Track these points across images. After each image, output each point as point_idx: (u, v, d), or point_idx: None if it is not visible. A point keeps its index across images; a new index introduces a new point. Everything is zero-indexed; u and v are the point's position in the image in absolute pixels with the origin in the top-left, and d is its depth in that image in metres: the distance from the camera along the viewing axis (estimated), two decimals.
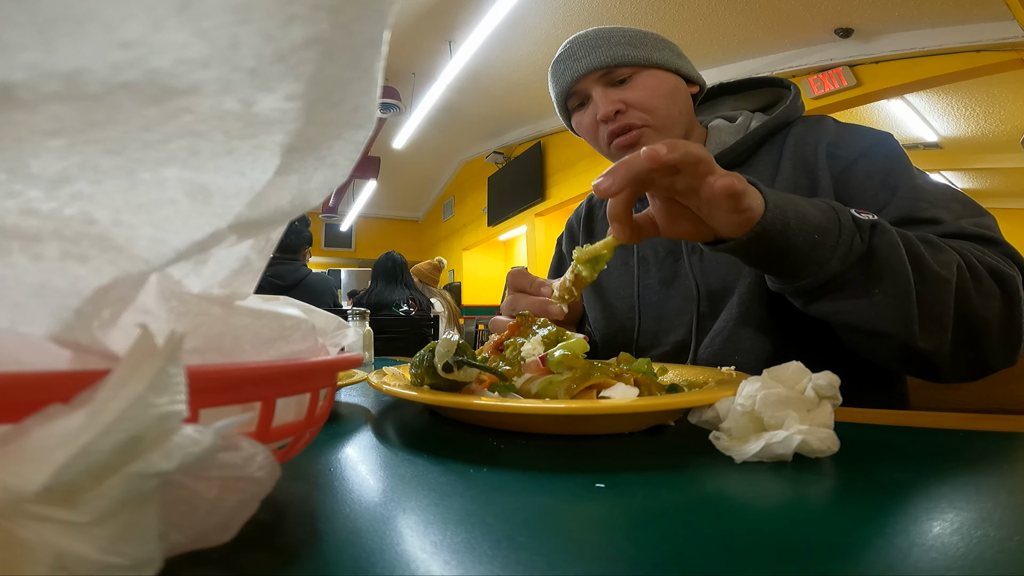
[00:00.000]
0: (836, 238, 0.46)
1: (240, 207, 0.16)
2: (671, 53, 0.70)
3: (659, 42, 0.70)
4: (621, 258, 0.76)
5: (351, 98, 0.16)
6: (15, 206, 0.14)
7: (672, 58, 0.69)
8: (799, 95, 0.73)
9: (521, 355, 0.39)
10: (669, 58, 0.69)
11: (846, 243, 0.46)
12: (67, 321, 0.14)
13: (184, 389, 0.12)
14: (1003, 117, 3.86)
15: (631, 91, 0.68)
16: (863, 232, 0.46)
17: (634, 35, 0.69)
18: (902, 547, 0.17)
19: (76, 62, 0.12)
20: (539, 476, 0.25)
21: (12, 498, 0.10)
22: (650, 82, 0.68)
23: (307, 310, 0.24)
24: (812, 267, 0.46)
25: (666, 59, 0.69)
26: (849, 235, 0.46)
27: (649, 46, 0.68)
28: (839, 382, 0.29)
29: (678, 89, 0.70)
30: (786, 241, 0.45)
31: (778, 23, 3.16)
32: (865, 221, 0.47)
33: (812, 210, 0.46)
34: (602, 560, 0.16)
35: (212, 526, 0.14)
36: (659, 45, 0.70)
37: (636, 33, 0.70)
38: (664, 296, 0.71)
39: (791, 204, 0.45)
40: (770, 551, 0.17)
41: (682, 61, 0.71)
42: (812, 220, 0.45)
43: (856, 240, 0.46)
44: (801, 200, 0.47)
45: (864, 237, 0.46)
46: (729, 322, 0.62)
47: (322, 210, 7.03)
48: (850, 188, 0.61)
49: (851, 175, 0.61)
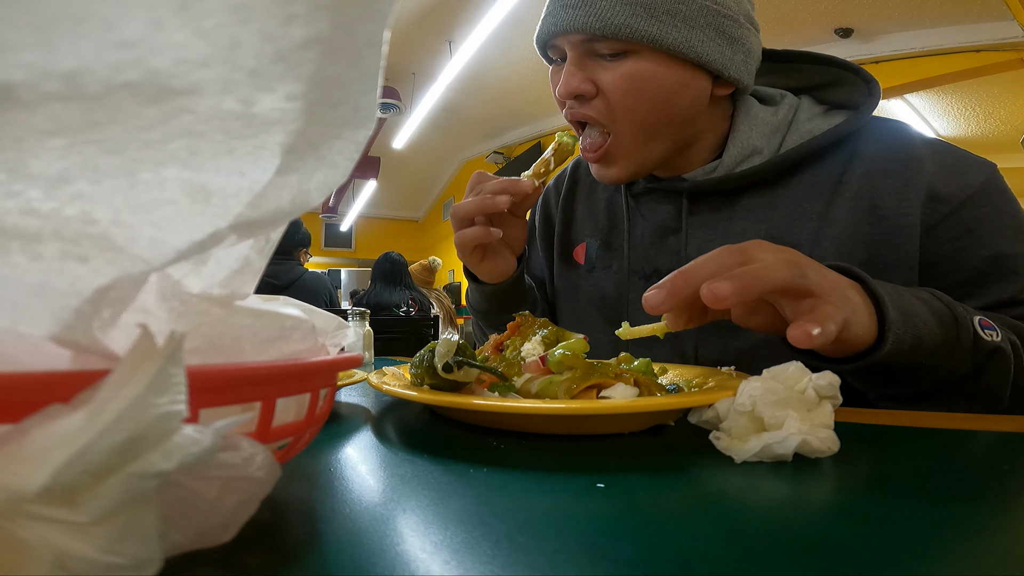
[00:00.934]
0: (946, 362, 0.39)
1: (240, 207, 0.16)
2: (714, 34, 0.49)
3: (704, 12, 0.48)
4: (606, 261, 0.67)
5: (351, 98, 0.16)
6: (15, 206, 0.14)
7: (707, 43, 0.49)
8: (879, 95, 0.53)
9: (521, 355, 0.39)
10: (701, 42, 0.48)
11: (956, 369, 0.39)
12: (67, 321, 0.14)
13: (184, 389, 0.12)
14: (1003, 117, 3.86)
15: (609, 73, 0.50)
16: (979, 355, 0.40)
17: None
18: (902, 547, 0.17)
19: (76, 62, 0.12)
20: (539, 476, 0.25)
21: (12, 498, 0.10)
22: (644, 71, 0.49)
23: (307, 310, 0.24)
24: (909, 386, 0.40)
25: (690, 43, 0.48)
26: (963, 357, 0.39)
27: (679, 17, 0.47)
28: (839, 382, 0.29)
29: (686, 89, 0.50)
30: (889, 370, 0.38)
31: (778, 23, 3.16)
32: (987, 344, 0.39)
33: (933, 330, 0.38)
34: (602, 560, 0.16)
35: (212, 526, 0.14)
36: (700, 17, 0.48)
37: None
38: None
39: (911, 329, 0.37)
40: (770, 551, 0.17)
41: (725, 50, 0.50)
42: (928, 344, 0.38)
43: (967, 362, 0.39)
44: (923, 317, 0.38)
45: (980, 360, 0.40)
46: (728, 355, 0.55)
47: (322, 210, 7.03)
48: (940, 246, 0.48)
49: (947, 227, 0.48)
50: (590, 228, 0.70)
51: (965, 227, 0.48)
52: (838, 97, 0.56)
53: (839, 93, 0.56)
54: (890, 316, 0.37)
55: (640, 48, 0.49)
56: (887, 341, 0.36)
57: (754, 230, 0.56)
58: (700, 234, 0.59)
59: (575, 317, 0.70)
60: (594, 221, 0.70)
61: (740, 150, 0.55)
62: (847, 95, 0.55)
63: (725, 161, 0.56)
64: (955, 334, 0.39)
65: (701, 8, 0.48)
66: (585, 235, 0.71)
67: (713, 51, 0.49)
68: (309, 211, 0.19)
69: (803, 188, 0.54)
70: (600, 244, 0.68)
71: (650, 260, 0.62)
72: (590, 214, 0.71)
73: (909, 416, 0.39)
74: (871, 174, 0.51)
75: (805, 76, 0.59)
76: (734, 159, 0.55)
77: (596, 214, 0.70)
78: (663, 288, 0.35)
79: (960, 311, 0.40)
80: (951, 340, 0.39)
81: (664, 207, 0.62)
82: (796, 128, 0.54)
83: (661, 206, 0.62)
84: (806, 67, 0.59)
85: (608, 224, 0.68)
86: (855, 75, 0.55)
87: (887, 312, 0.37)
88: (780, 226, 0.55)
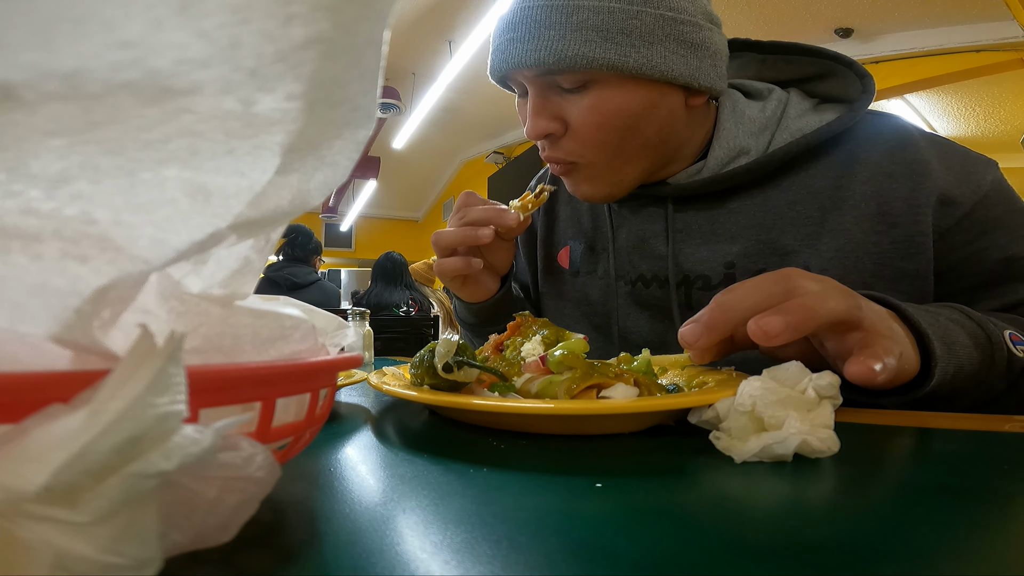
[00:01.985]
0: (981, 382, 0.38)
1: (240, 207, 0.16)
2: (676, 46, 0.45)
3: (661, 25, 0.45)
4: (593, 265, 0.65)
5: (351, 98, 0.16)
6: (15, 206, 0.14)
7: (671, 57, 0.45)
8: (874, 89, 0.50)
9: (521, 355, 0.39)
10: (663, 58, 0.45)
11: (987, 384, 0.39)
12: (67, 321, 0.14)
13: (184, 389, 0.12)
14: (1003, 117, 3.86)
15: (574, 108, 0.47)
16: (1012, 373, 0.39)
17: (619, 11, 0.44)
18: (902, 547, 0.17)
19: (76, 62, 0.12)
20: (539, 476, 0.25)
21: (12, 498, 0.10)
22: (610, 101, 0.46)
23: (307, 310, 0.24)
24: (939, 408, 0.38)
25: (653, 61, 0.45)
26: (996, 378, 0.39)
27: (635, 36, 0.44)
28: (839, 382, 0.29)
29: (656, 110, 0.48)
30: (929, 398, 0.37)
31: (778, 23, 3.16)
32: (1021, 361, 0.39)
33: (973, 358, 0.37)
34: (602, 560, 0.16)
35: (212, 526, 0.14)
36: (657, 31, 0.45)
37: (626, 6, 0.44)
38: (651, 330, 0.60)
39: (954, 360, 0.36)
40: (770, 551, 0.17)
41: (691, 60, 0.46)
42: (968, 369, 0.37)
43: (1001, 381, 0.39)
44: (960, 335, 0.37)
45: (1012, 377, 0.39)
46: None
47: (322, 210, 7.03)
48: (954, 251, 0.47)
49: (960, 230, 0.47)
50: (573, 230, 0.68)
51: (979, 229, 0.46)
52: (829, 90, 0.54)
53: (830, 86, 0.53)
54: (935, 350, 0.35)
55: (600, 76, 0.46)
56: (934, 376, 0.35)
57: (743, 234, 0.53)
58: (686, 238, 0.57)
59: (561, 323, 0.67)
60: (577, 223, 0.68)
61: (726, 151, 0.52)
62: (840, 88, 0.53)
63: (710, 163, 0.53)
64: (990, 355, 0.38)
65: (657, 19, 0.45)
66: (568, 238, 0.69)
67: (678, 64, 0.46)
68: (309, 211, 0.19)
69: (796, 190, 0.51)
70: (584, 248, 0.66)
71: (635, 265, 0.60)
72: (573, 216, 0.69)
73: (909, 416, 0.39)
74: (876, 179, 0.48)
75: (795, 68, 0.56)
76: (720, 160, 0.52)
77: (579, 216, 0.68)
78: (700, 323, 0.33)
79: (992, 329, 0.39)
80: (987, 362, 0.38)
81: (648, 210, 0.60)
82: (786, 125, 0.51)
83: (645, 209, 0.60)
84: (795, 59, 0.55)
85: (592, 227, 0.66)
86: (848, 68, 0.52)
87: (932, 346, 0.35)
88: (771, 230, 0.52)
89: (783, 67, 0.56)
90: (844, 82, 0.52)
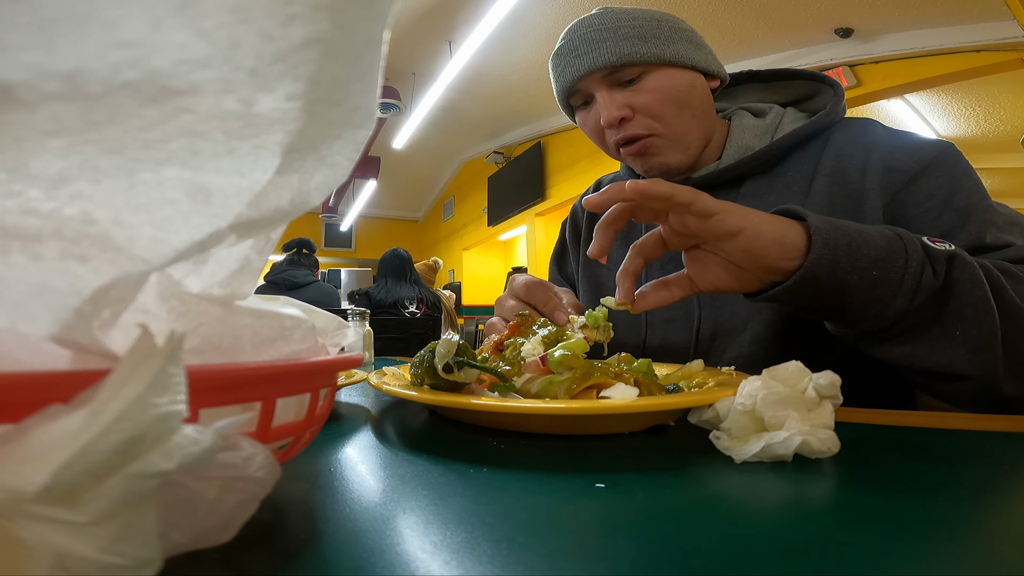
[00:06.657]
0: (901, 272, 0.40)
1: (240, 207, 0.16)
2: (687, 44, 0.62)
3: (674, 31, 0.62)
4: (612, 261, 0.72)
5: (351, 98, 0.16)
6: (15, 206, 0.14)
7: (688, 51, 0.62)
8: (843, 97, 0.65)
9: (521, 355, 0.39)
10: (685, 51, 0.61)
11: (914, 277, 0.40)
12: (67, 321, 0.14)
13: (184, 389, 0.12)
14: (1003, 117, 3.86)
15: (639, 94, 0.61)
16: (937, 264, 0.41)
17: (645, 24, 0.61)
18: (902, 547, 0.17)
19: (76, 62, 0.12)
20: (539, 476, 0.25)
21: (12, 498, 0.10)
22: (661, 83, 0.61)
23: (307, 310, 0.24)
24: (873, 307, 0.41)
25: (680, 53, 0.61)
26: (918, 267, 0.40)
27: (662, 38, 0.61)
28: (840, 382, 0.29)
29: (693, 88, 0.62)
30: (837, 281, 0.40)
31: (778, 23, 3.16)
32: (940, 252, 0.41)
33: (871, 240, 0.41)
34: (602, 560, 0.16)
35: (212, 526, 0.14)
36: (673, 35, 0.62)
37: (647, 21, 0.61)
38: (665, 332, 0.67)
39: (843, 235, 0.40)
40: (770, 551, 0.17)
41: (700, 53, 0.63)
42: (870, 253, 0.40)
43: (927, 273, 0.41)
44: (856, 229, 0.41)
45: (939, 270, 0.41)
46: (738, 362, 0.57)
47: (322, 210, 7.03)
48: (907, 208, 0.55)
49: (909, 193, 0.55)
50: None
51: (927, 192, 0.54)
52: (816, 106, 0.68)
53: (817, 103, 0.68)
54: (812, 220, 0.41)
55: (649, 67, 0.61)
56: (815, 244, 0.40)
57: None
58: None
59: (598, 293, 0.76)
60: None
61: (737, 149, 0.65)
62: (823, 103, 0.67)
63: (724, 160, 0.66)
64: (899, 244, 0.41)
65: (671, 29, 0.62)
66: None
67: (695, 55, 0.62)
68: (309, 211, 0.19)
69: (791, 173, 0.63)
70: (619, 244, 0.72)
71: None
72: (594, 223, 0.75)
73: (911, 416, 0.39)
74: (840, 157, 0.60)
75: (789, 91, 0.70)
76: (732, 157, 0.65)
77: None
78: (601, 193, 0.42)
79: (903, 231, 0.43)
80: (897, 249, 0.41)
81: None
82: (782, 129, 0.65)
83: None
84: (788, 83, 0.71)
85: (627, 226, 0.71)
86: (830, 88, 0.67)
87: (808, 218, 0.41)
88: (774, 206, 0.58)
89: (780, 90, 0.71)
90: (826, 98, 0.67)
